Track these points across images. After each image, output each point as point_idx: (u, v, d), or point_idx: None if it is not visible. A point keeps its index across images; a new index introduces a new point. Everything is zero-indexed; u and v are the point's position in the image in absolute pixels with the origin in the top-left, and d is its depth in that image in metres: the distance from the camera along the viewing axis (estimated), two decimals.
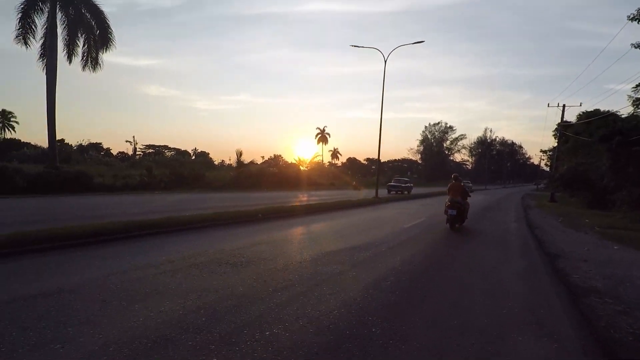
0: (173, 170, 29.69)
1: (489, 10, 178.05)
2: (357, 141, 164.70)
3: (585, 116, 35.35)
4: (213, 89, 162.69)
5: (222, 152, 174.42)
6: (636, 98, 26.03)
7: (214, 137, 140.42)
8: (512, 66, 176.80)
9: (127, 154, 78.06)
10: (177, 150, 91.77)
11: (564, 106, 29.14)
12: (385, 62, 21.86)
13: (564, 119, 29.64)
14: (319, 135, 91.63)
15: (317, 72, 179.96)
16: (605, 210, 23.58)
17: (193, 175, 29.09)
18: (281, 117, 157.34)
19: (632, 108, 26.70)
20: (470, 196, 13.24)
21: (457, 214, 11.43)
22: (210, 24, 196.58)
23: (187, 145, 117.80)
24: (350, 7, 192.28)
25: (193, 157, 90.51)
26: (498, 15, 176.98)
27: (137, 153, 79.33)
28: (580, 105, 29.15)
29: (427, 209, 18.93)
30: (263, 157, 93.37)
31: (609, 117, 33.43)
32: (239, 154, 39.63)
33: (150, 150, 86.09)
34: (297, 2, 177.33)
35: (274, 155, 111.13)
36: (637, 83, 25.72)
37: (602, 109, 33.86)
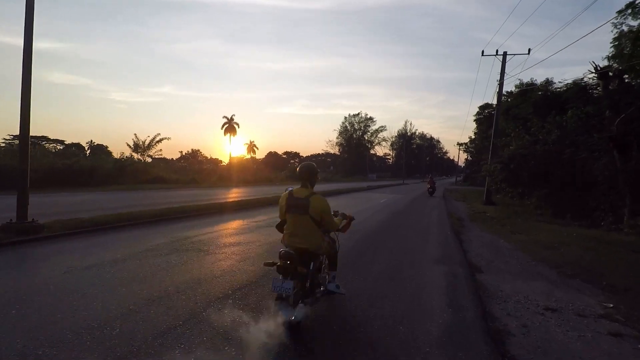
0: None
1: (408, 15, 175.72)
2: (284, 137, 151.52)
3: (518, 91, 24.86)
4: (132, 79, 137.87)
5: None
6: (626, 30, 14.98)
7: (133, 131, 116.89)
8: (430, 69, 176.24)
9: None
10: (61, 142, 71.15)
11: (504, 54, 17.74)
12: None
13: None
14: (226, 125, 74.94)
15: (244, 66, 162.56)
16: (581, 221, 12.06)
17: None
18: (206, 111, 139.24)
19: (613, 49, 15.65)
20: (435, 183, 25.43)
21: (432, 190, 24.28)
22: (130, 9, 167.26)
23: (99, 140, 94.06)
24: (278, 2, 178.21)
25: (88, 151, 72.13)
26: (416, 21, 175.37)
27: None
28: (529, 54, 17.71)
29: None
30: (181, 152, 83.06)
31: (548, 87, 23.02)
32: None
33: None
34: None
35: (192, 150, 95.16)
36: (627, 3, 14.64)
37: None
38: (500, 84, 17.70)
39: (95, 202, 13.85)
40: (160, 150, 40.46)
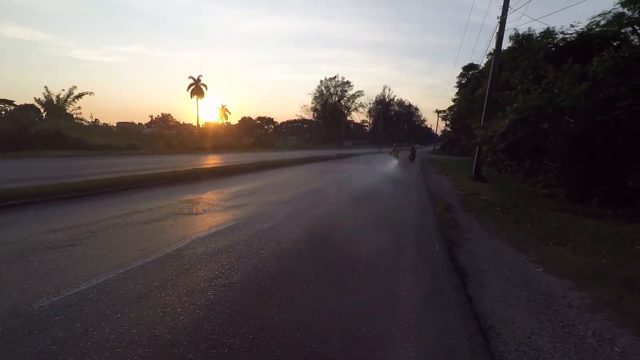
0: None
1: None
2: (260, 102, 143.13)
3: (513, 46, 20.22)
4: (97, 36, 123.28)
5: (100, 110, 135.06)
6: None
7: (98, 92, 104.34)
8: (413, 34, 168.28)
9: None
10: (10, 103, 61.82)
11: None
12: None
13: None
14: (192, 87, 67.11)
15: (219, 24, 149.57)
16: (617, 209, 8.31)
17: None
18: (178, 73, 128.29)
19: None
20: (415, 150, 30.32)
21: (413, 157, 28.29)
22: None
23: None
24: None
25: (44, 113, 63.45)
26: None
27: None
28: None
29: None
30: (152, 116, 77.98)
31: (552, 35, 18.45)
32: None
33: None
34: None
35: (162, 114, 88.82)
36: None
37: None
38: (502, 21, 13.10)
39: None
40: (79, 107, 34.15)
